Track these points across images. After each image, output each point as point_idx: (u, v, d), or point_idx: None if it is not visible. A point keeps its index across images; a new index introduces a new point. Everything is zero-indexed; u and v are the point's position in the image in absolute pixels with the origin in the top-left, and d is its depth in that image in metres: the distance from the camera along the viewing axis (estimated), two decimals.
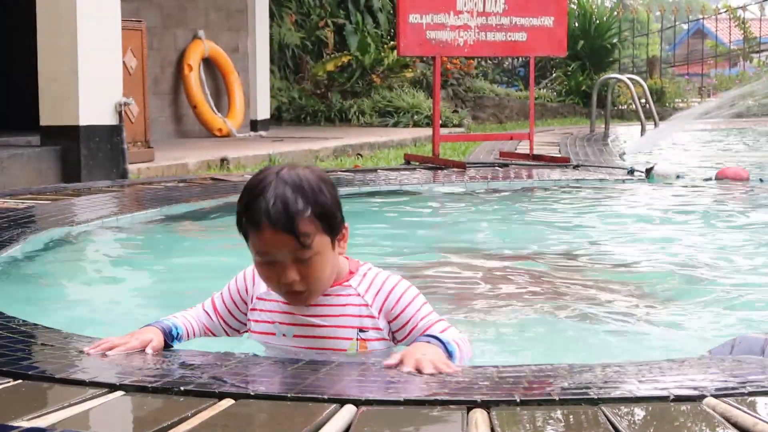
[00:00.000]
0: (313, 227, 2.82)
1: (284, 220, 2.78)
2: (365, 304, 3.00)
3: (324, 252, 2.88)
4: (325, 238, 2.87)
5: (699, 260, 5.52)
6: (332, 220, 2.88)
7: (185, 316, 3.15)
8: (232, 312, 3.17)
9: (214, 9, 14.84)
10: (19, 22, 10.30)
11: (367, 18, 19.68)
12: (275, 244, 2.82)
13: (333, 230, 2.89)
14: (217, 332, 3.19)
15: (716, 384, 2.55)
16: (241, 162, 10.83)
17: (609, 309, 4.37)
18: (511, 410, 2.36)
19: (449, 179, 9.16)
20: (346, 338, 3.00)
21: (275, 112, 17.07)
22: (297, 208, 2.79)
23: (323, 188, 2.87)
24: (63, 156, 8.90)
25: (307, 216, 2.80)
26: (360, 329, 3.00)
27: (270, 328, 3.07)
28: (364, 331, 3.00)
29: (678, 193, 8.54)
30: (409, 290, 3.03)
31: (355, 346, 3.00)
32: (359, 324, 3.01)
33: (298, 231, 2.79)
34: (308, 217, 2.80)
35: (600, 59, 22.42)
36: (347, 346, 2.99)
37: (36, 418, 2.29)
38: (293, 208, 2.79)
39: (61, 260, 5.44)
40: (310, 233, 2.82)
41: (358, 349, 3.00)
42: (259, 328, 3.11)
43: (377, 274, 3.06)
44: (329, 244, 2.89)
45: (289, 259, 2.84)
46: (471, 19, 10.41)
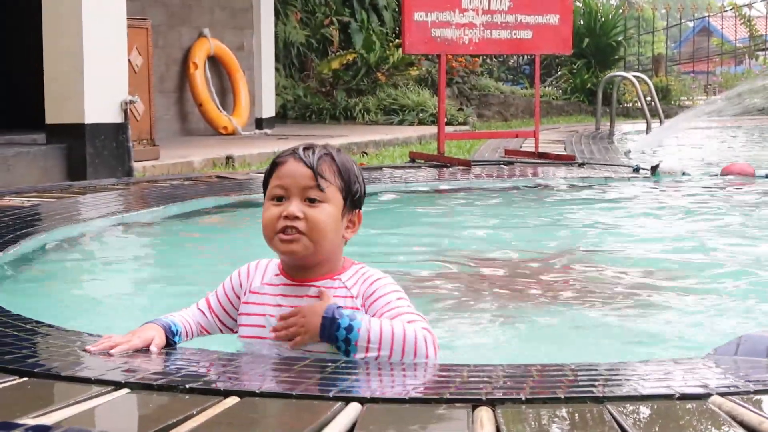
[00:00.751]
0: (332, 176, 2.97)
1: (310, 157, 2.96)
2: (350, 296, 3.00)
3: (333, 205, 2.96)
4: (338, 195, 2.98)
5: (704, 258, 5.51)
6: (352, 185, 3.02)
7: (182, 315, 3.15)
8: (227, 309, 3.16)
9: (220, 7, 14.84)
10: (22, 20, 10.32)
11: (372, 16, 19.67)
12: (293, 174, 2.94)
13: (348, 194, 3.00)
14: (212, 330, 3.19)
15: (722, 382, 2.55)
16: (247, 160, 10.83)
17: (614, 307, 4.37)
18: (516, 408, 2.36)
19: (454, 177, 9.15)
20: None
21: (280, 110, 17.07)
22: (323, 153, 3.00)
23: (354, 166, 3.08)
24: (68, 154, 8.91)
25: (330, 165, 2.98)
26: None
27: (261, 321, 3.05)
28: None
29: (684, 190, 8.54)
30: (389, 284, 3.03)
31: None
32: None
33: (318, 168, 2.94)
34: (331, 166, 2.98)
35: (605, 57, 22.40)
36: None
37: (41, 416, 2.30)
38: (320, 152, 2.99)
39: (66, 258, 5.44)
40: (328, 178, 2.96)
41: None
42: (249, 321, 3.09)
43: (367, 270, 3.08)
44: (340, 204, 2.98)
45: (300, 196, 2.94)
46: (476, 17, 10.41)
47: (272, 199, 2.98)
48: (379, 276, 3.05)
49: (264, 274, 3.12)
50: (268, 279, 3.10)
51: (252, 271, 3.13)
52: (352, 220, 3.04)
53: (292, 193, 2.94)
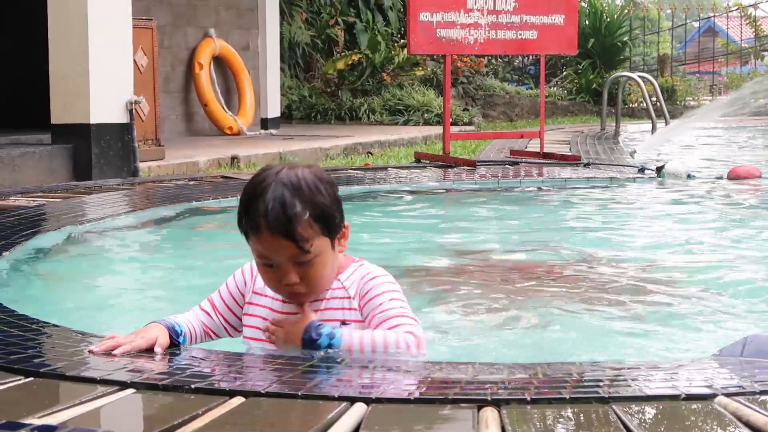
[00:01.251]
0: (311, 231, 2.84)
1: (283, 226, 2.80)
2: (348, 296, 3.01)
3: (324, 253, 2.90)
4: (324, 240, 2.89)
5: (709, 259, 5.51)
6: (331, 221, 2.89)
7: (185, 317, 3.14)
8: (232, 309, 3.16)
9: (225, 7, 14.85)
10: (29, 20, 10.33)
11: (378, 16, 19.67)
12: (275, 249, 2.85)
13: (332, 231, 2.91)
14: (218, 332, 3.17)
15: (728, 383, 2.54)
16: (252, 160, 10.83)
17: (619, 308, 4.36)
18: (521, 409, 2.36)
19: (459, 177, 9.15)
20: None
21: (285, 111, 17.08)
22: (295, 212, 2.80)
23: (321, 188, 2.87)
24: (74, 154, 8.92)
25: (305, 219, 2.82)
26: (342, 322, 3.01)
27: (262, 323, 3.07)
28: (346, 324, 3.00)
29: (689, 191, 8.52)
30: (383, 283, 3.02)
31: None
32: (342, 317, 3.02)
33: (297, 236, 2.81)
34: (306, 220, 2.82)
35: (611, 57, 22.38)
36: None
37: (47, 416, 2.30)
38: (291, 212, 2.80)
39: (71, 258, 5.45)
40: (309, 237, 2.84)
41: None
42: (252, 322, 3.11)
43: (365, 268, 3.07)
44: (329, 245, 2.92)
45: (290, 262, 2.87)
46: (481, 17, 10.40)
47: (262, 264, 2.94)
48: (375, 274, 3.04)
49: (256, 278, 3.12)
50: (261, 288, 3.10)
51: (255, 271, 3.11)
52: (342, 234, 2.99)
53: (281, 262, 2.89)
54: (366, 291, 3.00)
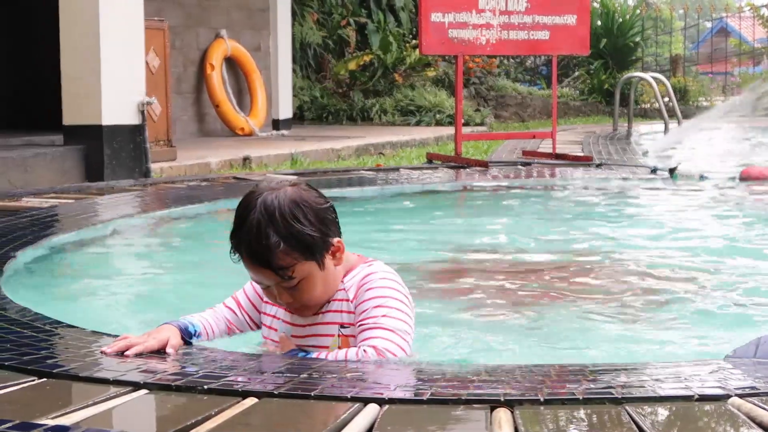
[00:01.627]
0: (290, 259, 2.87)
1: (260, 257, 2.86)
2: (347, 299, 3.03)
3: (311, 275, 2.93)
4: (307, 264, 2.91)
5: (722, 260, 5.49)
6: (311, 246, 2.89)
7: (202, 316, 3.17)
8: (256, 305, 3.22)
9: (237, 8, 14.87)
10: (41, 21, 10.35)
11: (389, 17, 19.67)
12: (260, 275, 2.92)
13: (315, 254, 2.91)
14: (242, 327, 3.23)
15: (741, 383, 2.54)
16: (264, 161, 10.84)
17: (632, 308, 4.36)
18: (534, 409, 2.36)
19: (472, 178, 9.14)
20: (328, 335, 3.04)
21: (297, 111, 17.09)
22: (269, 243, 2.83)
23: (299, 215, 2.87)
24: (86, 155, 8.94)
25: (280, 250, 2.84)
26: (341, 325, 3.03)
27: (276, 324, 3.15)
28: (345, 327, 3.03)
29: (702, 192, 8.50)
30: (378, 287, 2.99)
31: (338, 342, 3.03)
32: (340, 320, 3.04)
33: (274, 266, 2.86)
34: (282, 249, 2.84)
35: (623, 58, 22.34)
36: (329, 343, 3.03)
37: (60, 417, 2.30)
38: (266, 243, 2.83)
39: (83, 259, 5.46)
40: (288, 265, 2.87)
41: (340, 345, 3.01)
42: (267, 322, 3.19)
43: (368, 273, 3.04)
44: (315, 267, 2.93)
45: (278, 285, 2.93)
46: (493, 17, 10.39)
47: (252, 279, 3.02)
48: (373, 278, 3.02)
49: None
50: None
51: None
52: (333, 252, 2.97)
53: (269, 284, 2.95)
54: (361, 299, 3.00)
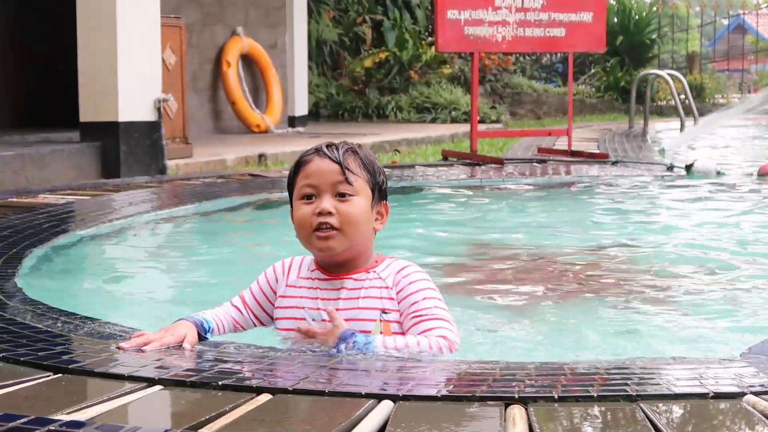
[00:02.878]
0: (359, 169, 3.01)
1: (334, 153, 2.99)
2: (386, 286, 3.05)
3: (362, 197, 3.01)
4: (366, 188, 3.02)
5: (738, 257, 5.48)
6: (377, 176, 3.06)
7: (214, 312, 3.18)
8: (262, 304, 3.21)
9: (253, 6, 14.88)
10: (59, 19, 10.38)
11: (405, 14, 19.66)
12: (321, 172, 2.98)
13: (375, 186, 3.04)
14: (246, 326, 3.24)
15: (756, 381, 2.53)
16: (279, 158, 10.85)
17: (648, 306, 4.35)
18: (549, 406, 2.36)
19: (487, 175, 9.14)
20: (369, 320, 3.04)
21: (313, 108, 17.10)
22: (347, 148, 3.04)
23: (374, 157, 3.11)
24: (102, 152, 8.96)
25: (355, 158, 3.02)
26: (382, 311, 3.04)
27: (299, 314, 3.10)
28: (387, 312, 3.04)
29: (718, 189, 8.48)
30: (418, 280, 3.07)
31: (379, 327, 3.03)
32: (381, 306, 3.05)
33: (345, 163, 2.98)
34: (357, 160, 3.01)
35: (639, 55, 22.28)
36: (371, 328, 3.02)
37: (75, 412, 2.31)
38: (344, 147, 3.04)
39: (100, 255, 5.48)
40: (355, 172, 2.99)
41: (382, 330, 3.02)
42: (287, 314, 3.14)
43: (399, 263, 3.13)
44: (369, 196, 3.03)
45: (330, 191, 2.98)
46: (509, 14, 10.38)
47: (302, 198, 3.02)
48: (411, 270, 3.09)
49: (300, 269, 3.17)
50: (304, 274, 3.15)
51: (287, 266, 3.19)
52: (380, 212, 3.10)
53: (322, 189, 2.98)
54: (402, 286, 3.04)
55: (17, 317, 3.39)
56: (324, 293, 3.09)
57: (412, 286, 3.03)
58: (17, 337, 3.07)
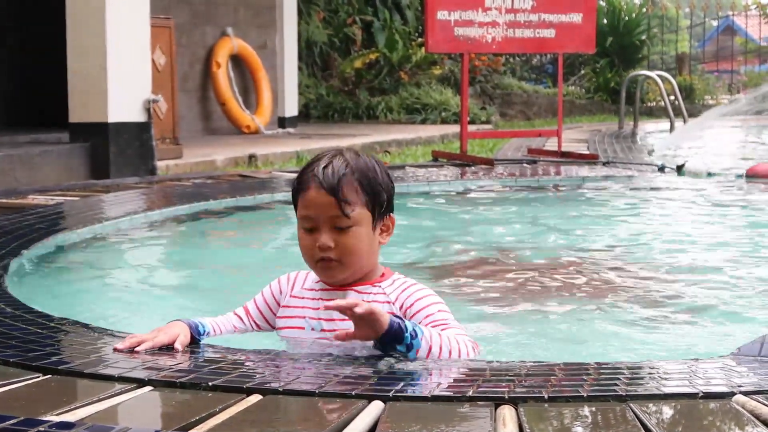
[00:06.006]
0: (355, 196, 2.94)
1: (330, 182, 2.92)
2: (389, 301, 3.03)
3: (363, 226, 2.97)
4: (366, 213, 2.97)
5: (728, 257, 5.49)
6: (377, 196, 2.99)
7: (213, 319, 3.17)
8: (265, 314, 3.22)
9: (243, 6, 14.87)
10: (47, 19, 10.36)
11: (395, 15, 19.66)
12: (318, 205, 2.94)
13: (376, 207, 2.99)
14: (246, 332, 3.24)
15: (746, 381, 2.54)
16: (269, 159, 10.84)
17: (637, 306, 4.36)
18: (539, 407, 2.36)
19: (477, 176, 9.14)
20: None
21: (303, 109, 17.09)
22: (344, 173, 2.93)
23: (377, 169, 3.02)
24: (92, 153, 8.94)
25: (352, 183, 2.94)
26: None
27: (300, 323, 3.11)
28: None
29: (709, 190, 8.49)
30: (429, 295, 3.06)
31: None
32: None
33: (340, 195, 2.91)
34: (353, 185, 2.94)
35: (629, 56, 22.30)
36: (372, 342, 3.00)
37: (65, 413, 2.31)
38: (340, 172, 2.93)
39: (89, 256, 5.46)
40: (352, 202, 2.93)
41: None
42: (289, 324, 3.15)
43: (406, 281, 3.12)
44: (370, 220, 2.99)
45: (328, 224, 2.94)
46: (499, 15, 10.39)
47: (303, 227, 3.02)
48: (418, 288, 3.08)
49: (304, 281, 3.18)
50: (308, 285, 3.16)
51: (292, 279, 3.20)
52: (385, 225, 3.08)
53: (321, 222, 2.96)
54: (411, 302, 3.03)
55: (6, 318, 3.38)
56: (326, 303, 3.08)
57: (422, 301, 3.03)
58: (6, 338, 3.06)
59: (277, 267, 5.21)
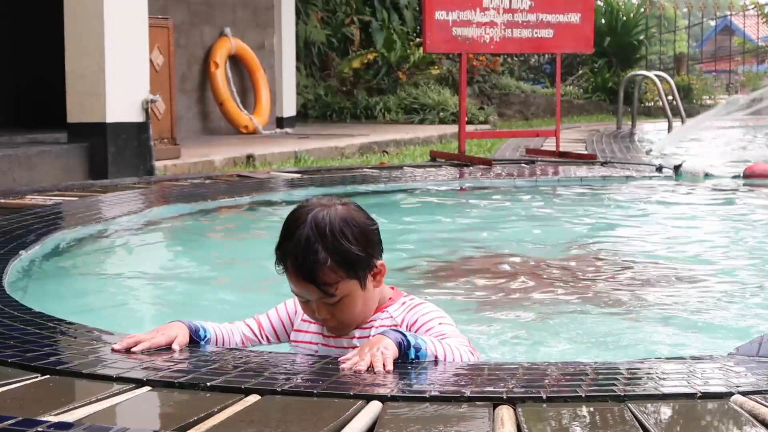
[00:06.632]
0: (335, 276, 2.88)
1: (306, 272, 2.86)
2: (396, 325, 3.02)
3: (352, 294, 2.93)
4: (350, 282, 2.92)
5: (726, 258, 5.49)
6: (356, 265, 2.91)
7: (218, 325, 3.16)
8: (277, 331, 3.21)
9: (241, 6, 14.86)
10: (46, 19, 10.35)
11: (393, 15, 19.65)
12: (302, 290, 2.91)
13: (359, 273, 2.93)
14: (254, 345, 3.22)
15: (744, 381, 2.54)
16: (267, 159, 10.84)
17: (635, 306, 4.36)
18: (537, 407, 2.36)
19: (475, 176, 9.14)
20: None
21: (301, 109, 17.08)
22: (317, 258, 2.85)
23: (348, 233, 2.90)
24: (90, 153, 8.94)
25: (327, 266, 2.86)
26: None
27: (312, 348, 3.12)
28: None
29: (706, 190, 8.50)
30: (431, 311, 3.05)
31: None
32: None
33: (319, 281, 2.86)
34: (329, 266, 2.86)
35: (627, 56, 22.32)
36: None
37: (63, 413, 2.31)
38: (314, 259, 2.85)
39: (88, 257, 5.46)
40: (332, 282, 2.88)
41: None
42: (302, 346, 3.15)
43: (413, 300, 3.10)
44: (357, 286, 2.94)
45: (318, 299, 2.92)
46: (497, 15, 10.39)
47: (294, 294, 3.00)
48: (423, 305, 3.07)
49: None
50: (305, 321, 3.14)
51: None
52: (374, 274, 2.99)
53: (311, 298, 2.94)
54: (415, 320, 3.02)
55: (4, 318, 3.38)
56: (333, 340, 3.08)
57: (424, 317, 3.02)
58: (5, 338, 3.06)
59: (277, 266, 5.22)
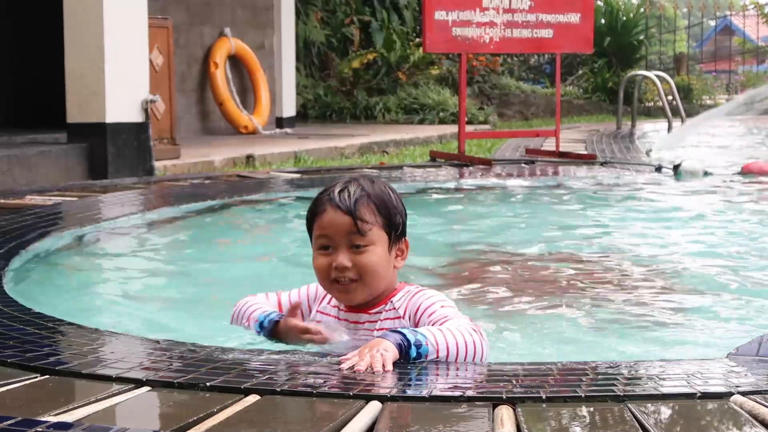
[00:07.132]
0: (372, 217, 2.98)
1: (346, 204, 2.97)
2: (398, 316, 3.06)
3: (379, 245, 3.00)
4: (382, 234, 3.01)
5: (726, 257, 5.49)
6: (393, 219, 3.03)
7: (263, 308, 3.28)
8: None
9: (241, 6, 14.87)
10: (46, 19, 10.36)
11: (393, 15, 19.66)
12: (334, 224, 2.97)
13: (392, 229, 3.02)
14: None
15: (744, 381, 2.54)
16: (267, 159, 10.84)
17: (635, 307, 4.36)
18: (537, 407, 2.36)
19: (475, 176, 9.14)
20: None
21: (301, 110, 17.08)
22: (359, 195, 2.99)
23: (391, 193, 3.08)
24: (90, 153, 8.94)
25: (369, 205, 2.98)
26: None
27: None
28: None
29: (706, 189, 8.50)
30: (432, 296, 3.08)
31: None
32: None
33: (357, 214, 2.95)
34: (369, 207, 2.98)
35: (627, 56, 22.32)
36: None
37: (63, 414, 2.30)
38: (356, 194, 2.98)
39: (87, 257, 5.46)
40: (368, 221, 2.97)
41: None
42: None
43: (417, 288, 3.13)
44: (386, 241, 3.01)
45: (345, 244, 2.97)
46: (497, 15, 10.39)
47: (319, 248, 3.04)
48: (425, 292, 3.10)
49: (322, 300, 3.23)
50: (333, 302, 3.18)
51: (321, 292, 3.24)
52: (400, 249, 3.10)
53: (337, 242, 2.99)
54: (416, 307, 3.05)
55: (4, 318, 3.38)
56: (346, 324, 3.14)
57: (425, 302, 3.04)
58: (4, 338, 3.06)
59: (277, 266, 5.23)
